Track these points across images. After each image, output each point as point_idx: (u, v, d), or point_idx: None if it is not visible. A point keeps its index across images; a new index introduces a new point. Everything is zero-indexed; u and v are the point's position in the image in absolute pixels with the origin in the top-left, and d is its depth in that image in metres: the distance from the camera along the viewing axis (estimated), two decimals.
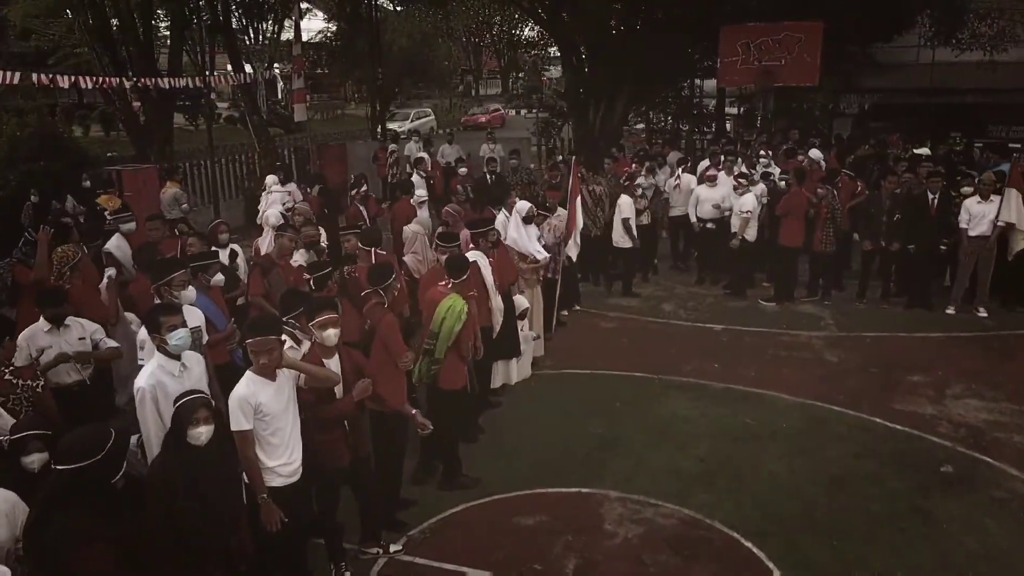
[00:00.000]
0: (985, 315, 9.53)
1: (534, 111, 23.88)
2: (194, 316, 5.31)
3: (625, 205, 10.12)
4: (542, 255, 7.94)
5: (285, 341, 4.35)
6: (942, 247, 9.81)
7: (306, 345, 4.67)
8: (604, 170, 11.72)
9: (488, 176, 12.56)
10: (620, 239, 10.26)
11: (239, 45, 45.73)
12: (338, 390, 4.59)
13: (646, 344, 8.91)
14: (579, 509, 5.59)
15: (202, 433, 3.56)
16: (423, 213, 10.73)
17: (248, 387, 3.93)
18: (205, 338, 5.29)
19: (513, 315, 7.43)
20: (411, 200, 9.99)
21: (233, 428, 3.89)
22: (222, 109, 41.05)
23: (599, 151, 17.55)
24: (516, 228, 7.93)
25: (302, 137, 33.85)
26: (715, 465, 6.13)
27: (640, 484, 5.87)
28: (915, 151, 13.81)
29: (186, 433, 3.53)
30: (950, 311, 9.68)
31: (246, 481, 3.98)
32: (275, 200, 10.05)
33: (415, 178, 12.08)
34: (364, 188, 10.08)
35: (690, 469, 6.09)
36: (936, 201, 9.63)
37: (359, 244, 6.86)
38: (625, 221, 10.12)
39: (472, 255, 6.63)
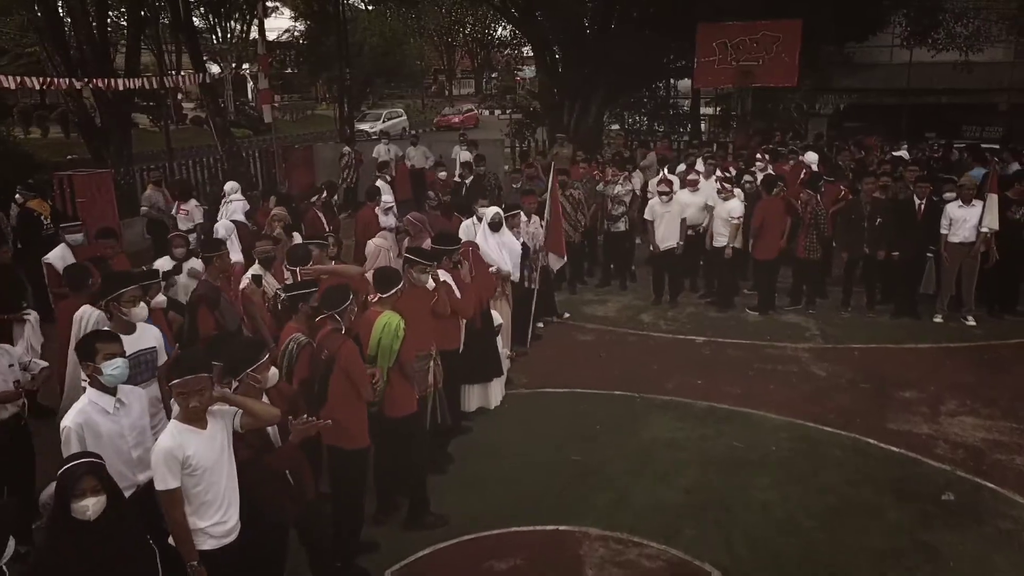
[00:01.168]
0: (973, 323, 9.23)
1: (507, 112, 23.37)
2: (149, 335, 4.81)
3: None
4: (506, 267, 7.43)
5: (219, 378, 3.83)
6: (929, 254, 9.50)
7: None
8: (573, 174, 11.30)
9: (462, 182, 12.05)
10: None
11: (206, 44, 44.96)
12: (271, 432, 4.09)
13: (625, 358, 8.47)
14: (557, 550, 5.12)
15: (88, 506, 2.98)
16: (389, 219, 10.24)
17: (174, 438, 3.39)
18: (163, 357, 4.77)
19: (492, 333, 6.97)
20: (376, 207, 9.47)
21: (158, 488, 3.36)
22: (188, 110, 40.10)
23: (574, 154, 17.20)
24: (483, 237, 7.44)
25: (269, 139, 33.22)
26: (702, 497, 5.69)
27: (623, 520, 5.41)
28: (895, 153, 13.53)
29: (70, 507, 2.98)
30: (937, 320, 9.37)
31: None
32: (235, 210, 9.44)
33: (380, 183, 11.51)
34: (323, 195, 9.50)
35: (676, 502, 5.64)
36: (923, 207, 9.32)
37: (284, 264, 6.24)
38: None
39: (441, 275, 6.13)
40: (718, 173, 10.64)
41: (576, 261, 11.02)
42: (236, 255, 7.44)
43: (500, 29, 32.53)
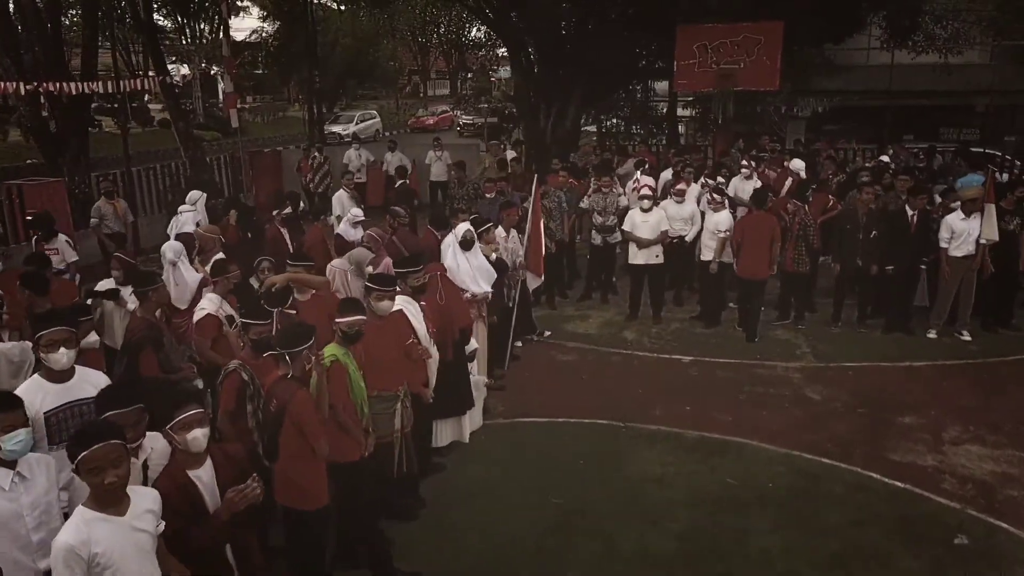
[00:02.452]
0: (968, 339, 8.88)
1: (483, 116, 22.83)
2: (87, 383, 4.10)
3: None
4: (480, 290, 6.90)
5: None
6: (922, 266, 9.13)
7: (153, 453, 3.58)
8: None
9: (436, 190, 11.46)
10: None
11: (173, 45, 43.92)
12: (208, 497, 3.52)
13: (609, 381, 7.98)
14: None
15: None
16: (356, 232, 9.67)
17: (79, 532, 2.77)
18: None
19: (465, 363, 6.45)
20: (329, 222, 8.92)
21: None
22: (156, 112, 39.04)
23: (552, 158, 16.70)
24: (453, 256, 6.90)
25: (237, 142, 32.35)
26: (696, 545, 5.22)
27: (610, 572, 4.92)
28: (881, 159, 13.19)
29: None
30: (932, 335, 9.01)
31: None
32: (185, 222, 8.79)
33: (341, 193, 10.88)
34: (287, 209, 8.88)
35: (667, 550, 5.16)
36: (916, 218, 8.94)
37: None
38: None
39: (400, 301, 5.59)
40: (708, 182, 10.21)
41: (556, 274, 10.55)
42: (190, 273, 6.77)
43: (474, 31, 31.94)
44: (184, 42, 40.73)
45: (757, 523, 5.45)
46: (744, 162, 11.45)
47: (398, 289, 5.66)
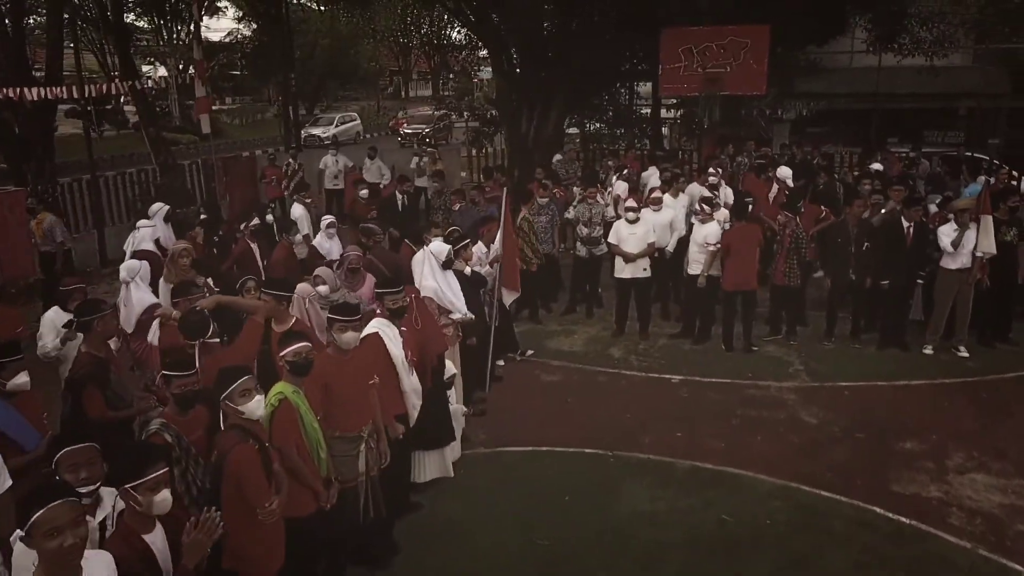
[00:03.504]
0: (966, 354, 8.60)
1: (464, 120, 22.38)
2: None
3: None
4: (464, 313, 6.49)
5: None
6: (919, 280, 8.84)
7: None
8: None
9: (401, 199, 10.95)
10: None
11: (150, 46, 43.12)
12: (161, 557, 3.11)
13: (595, 404, 7.60)
14: None
15: None
16: (333, 245, 9.22)
17: None
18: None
19: (444, 391, 6.05)
20: (294, 240, 8.48)
21: None
22: (131, 114, 38.21)
23: (534, 163, 16.32)
24: (432, 275, 6.48)
25: (216, 144, 31.64)
26: None
27: None
28: (872, 167, 12.91)
29: None
30: (928, 351, 8.71)
31: None
32: (143, 239, 8.28)
33: (296, 208, 10.36)
34: (255, 222, 8.41)
35: None
36: (912, 230, 8.64)
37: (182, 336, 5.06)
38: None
39: (374, 324, 5.19)
40: (696, 191, 9.88)
41: (540, 287, 10.17)
42: (145, 295, 6.28)
43: (455, 33, 31.46)
44: (161, 43, 40.00)
45: (756, 567, 5.09)
46: (711, 170, 11.10)
47: (379, 311, 5.30)
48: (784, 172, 11.15)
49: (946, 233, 8.43)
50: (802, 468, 6.29)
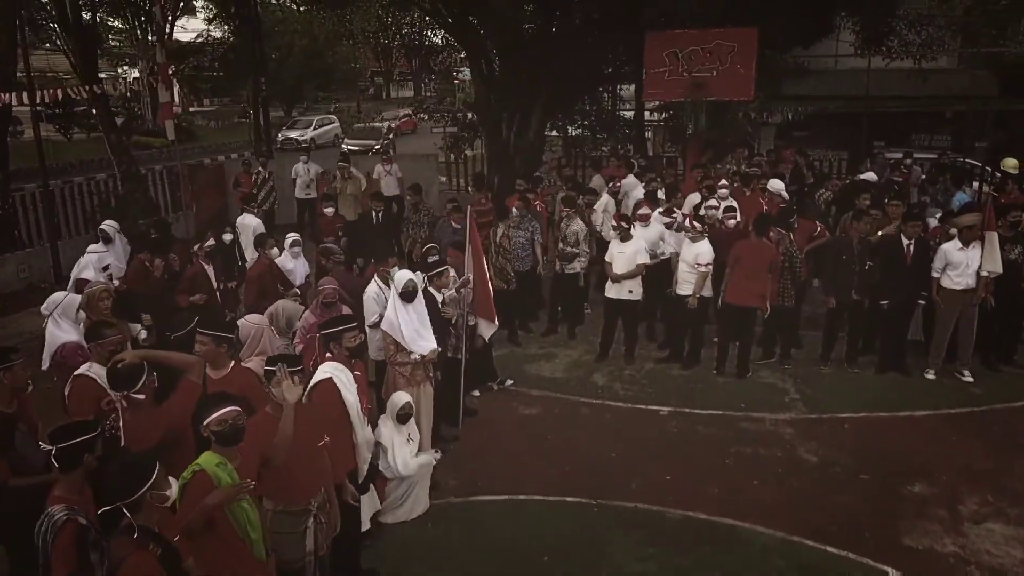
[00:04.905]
0: (970, 379, 8.10)
1: (442, 125, 21.70)
2: None
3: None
4: (426, 349, 5.88)
5: None
6: (920, 301, 8.32)
7: None
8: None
9: (376, 215, 10.25)
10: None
11: (121, 47, 42.09)
12: None
13: (578, 442, 7.01)
14: None
15: None
16: (298, 265, 8.58)
17: None
18: None
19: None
20: (271, 253, 7.80)
21: None
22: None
23: (515, 169, 15.73)
24: (394, 308, 5.87)
25: (189, 149, 30.77)
26: None
27: None
28: (861, 176, 12.42)
29: None
30: (930, 376, 8.21)
31: None
32: (86, 265, 7.59)
33: (247, 218, 9.67)
34: (210, 243, 7.73)
35: None
36: (912, 248, 8.12)
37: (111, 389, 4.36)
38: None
39: (326, 368, 4.57)
40: (679, 209, 9.33)
41: (519, 306, 9.58)
42: (61, 333, 5.58)
43: (434, 36, 30.71)
44: (132, 45, 39.03)
45: None
46: (723, 181, 10.54)
47: (331, 351, 4.68)
48: (776, 186, 10.48)
49: (948, 251, 7.94)
50: (804, 517, 5.74)
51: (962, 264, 7.89)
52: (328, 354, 4.65)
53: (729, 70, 13.37)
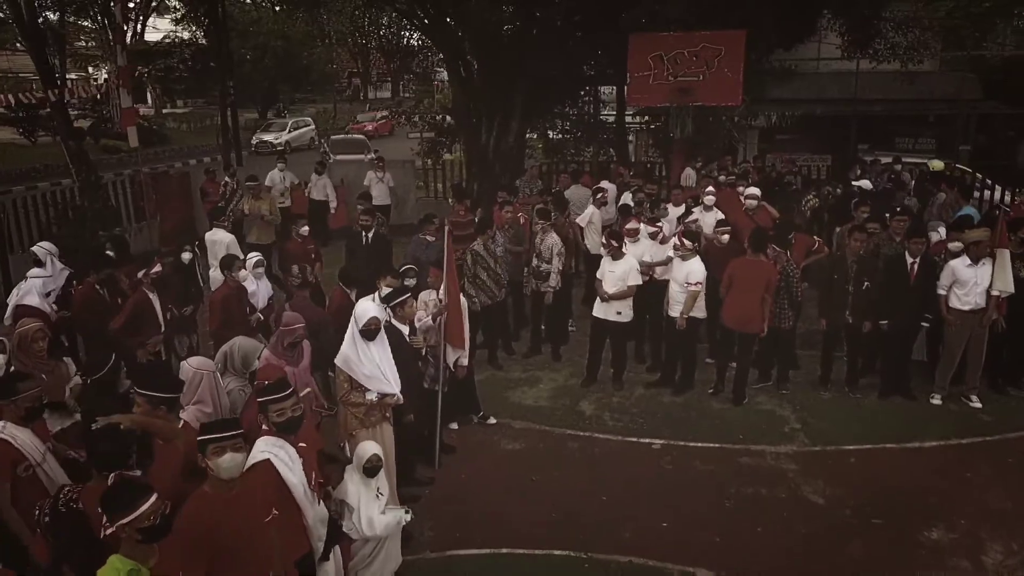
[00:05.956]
0: (979, 405, 7.66)
1: (418, 130, 21.05)
2: None
3: None
4: (387, 389, 5.27)
5: None
6: (924, 324, 7.86)
7: None
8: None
9: (364, 236, 9.40)
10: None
11: (88, 48, 40.99)
12: None
13: (565, 481, 6.45)
14: None
15: None
16: (262, 288, 7.96)
17: None
18: None
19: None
20: (238, 276, 7.16)
21: None
22: (73, 118, 36.10)
23: (495, 176, 15.19)
24: (352, 342, 5.26)
25: (157, 153, 29.82)
26: None
27: None
28: (855, 184, 11.99)
29: None
30: (936, 401, 7.76)
31: None
32: (28, 292, 6.92)
33: (217, 232, 8.96)
34: (157, 268, 7.03)
35: None
36: (916, 266, 7.65)
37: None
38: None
39: (261, 446, 3.93)
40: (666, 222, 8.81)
41: (500, 326, 9.03)
42: None
43: (410, 38, 29.89)
44: (103, 44, 37.96)
45: None
46: (709, 188, 10.01)
47: (263, 425, 4.06)
48: (755, 193, 9.86)
49: (956, 268, 7.49)
50: (815, 571, 5.22)
51: (970, 282, 7.44)
52: (264, 427, 4.01)
53: (716, 74, 12.85)
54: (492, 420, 7.48)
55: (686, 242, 7.72)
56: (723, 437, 7.13)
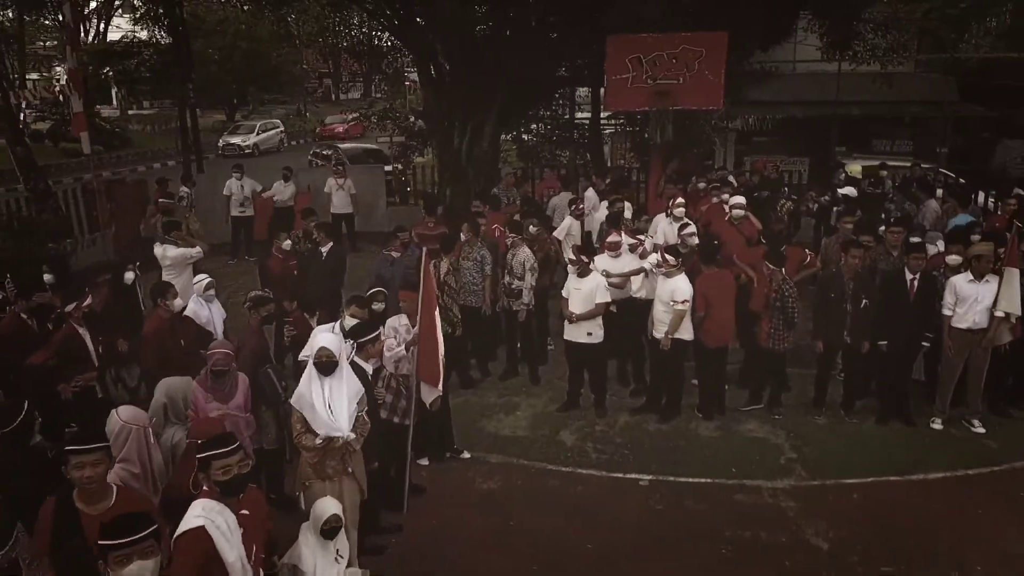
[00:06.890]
0: (982, 430, 7.23)
1: (388, 134, 20.38)
2: None
3: None
4: (333, 433, 4.65)
5: None
6: (924, 344, 7.41)
7: None
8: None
9: (320, 253, 8.74)
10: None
11: (45, 51, 39.73)
12: None
13: (546, 525, 5.89)
14: None
15: None
16: (215, 312, 7.29)
17: None
18: None
19: None
20: (172, 306, 6.45)
21: None
22: (30, 121, 34.80)
23: (469, 182, 14.61)
24: (308, 378, 4.66)
25: (119, 157, 28.81)
26: None
27: None
28: (841, 192, 11.57)
29: None
30: (936, 425, 7.32)
31: None
32: None
33: (169, 249, 8.26)
34: (87, 301, 6.28)
35: None
36: (916, 283, 7.20)
37: None
38: None
39: (197, 511, 3.33)
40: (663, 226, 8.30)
41: (475, 345, 8.46)
42: None
43: (379, 38, 29.15)
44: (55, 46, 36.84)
45: None
46: (679, 200, 9.45)
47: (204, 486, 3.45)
48: (738, 202, 9.36)
49: (957, 284, 7.05)
50: None
51: (971, 299, 7.00)
52: (203, 487, 3.40)
53: (697, 77, 12.36)
54: (466, 454, 6.89)
55: (669, 258, 7.19)
56: (715, 471, 6.61)
